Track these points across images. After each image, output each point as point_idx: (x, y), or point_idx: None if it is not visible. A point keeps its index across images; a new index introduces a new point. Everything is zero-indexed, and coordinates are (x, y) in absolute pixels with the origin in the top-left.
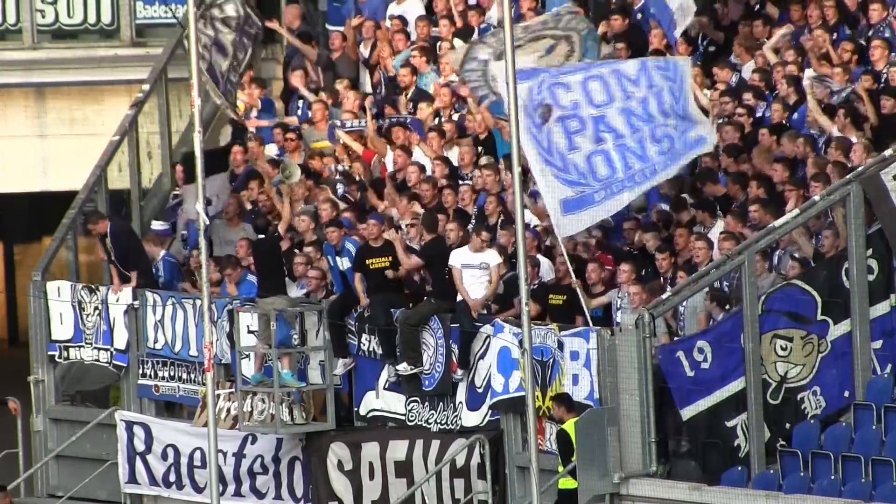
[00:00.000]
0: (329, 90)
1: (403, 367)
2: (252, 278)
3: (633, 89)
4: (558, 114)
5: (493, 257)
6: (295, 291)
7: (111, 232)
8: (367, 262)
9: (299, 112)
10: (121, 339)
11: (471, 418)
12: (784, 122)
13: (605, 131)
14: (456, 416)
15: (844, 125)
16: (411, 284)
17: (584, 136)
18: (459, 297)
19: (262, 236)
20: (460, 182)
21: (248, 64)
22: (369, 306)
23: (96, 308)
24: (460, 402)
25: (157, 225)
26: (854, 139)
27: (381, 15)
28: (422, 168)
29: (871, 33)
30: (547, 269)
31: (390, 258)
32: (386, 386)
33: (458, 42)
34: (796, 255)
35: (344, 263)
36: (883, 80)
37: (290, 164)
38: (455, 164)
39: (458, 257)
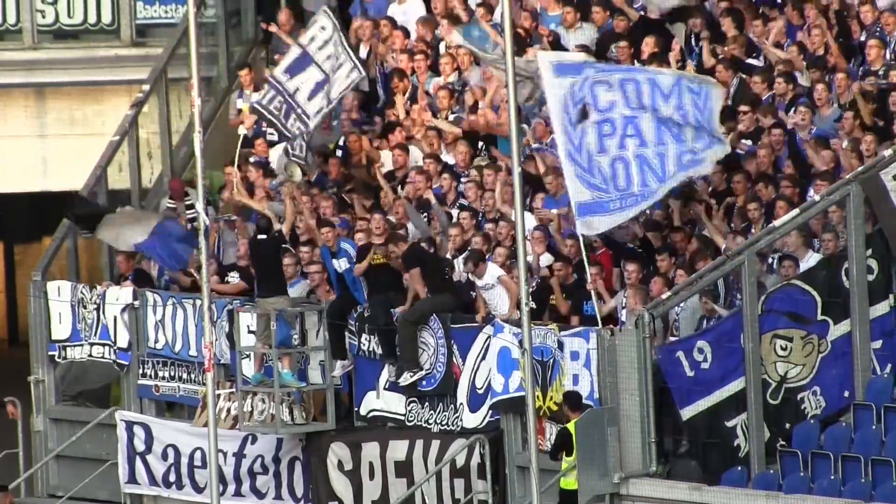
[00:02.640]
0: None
1: (404, 378)
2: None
3: (662, 105)
4: (595, 117)
5: (493, 272)
6: (293, 292)
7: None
8: (371, 257)
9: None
10: (122, 338)
11: (471, 419)
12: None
13: (630, 135)
14: (457, 416)
15: (854, 127)
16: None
17: (612, 139)
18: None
19: (264, 236)
20: (462, 180)
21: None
22: (370, 306)
23: (96, 307)
24: (461, 404)
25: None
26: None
27: (387, 15)
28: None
29: (864, 34)
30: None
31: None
32: (386, 386)
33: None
34: (792, 254)
35: (342, 265)
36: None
37: (291, 165)
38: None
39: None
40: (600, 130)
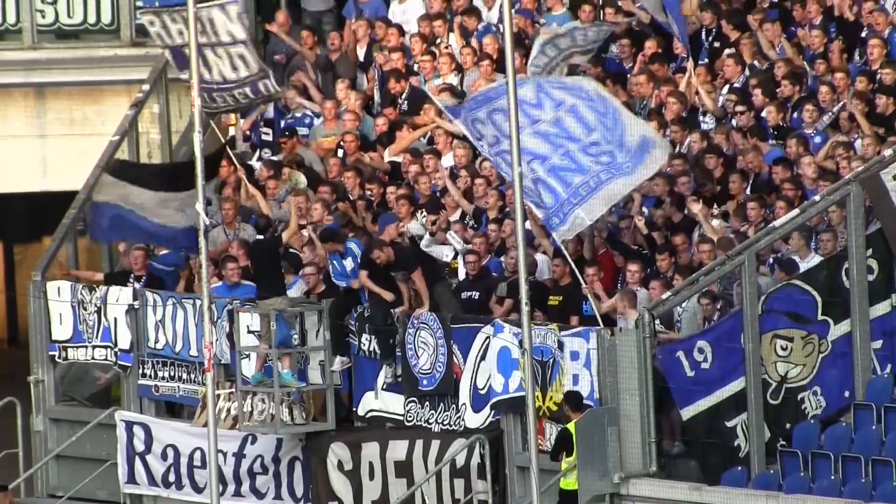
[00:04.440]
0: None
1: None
2: (247, 281)
3: (538, 112)
4: (492, 151)
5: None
6: (291, 293)
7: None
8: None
9: (297, 113)
10: (124, 338)
11: (474, 419)
12: (783, 123)
13: (530, 160)
14: (459, 416)
15: (851, 128)
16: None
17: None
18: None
19: (262, 237)
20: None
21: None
22: (369, 306)
23: (97, 307)
24: (464, 404)
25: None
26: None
27: (383, 15)
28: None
29: (865, 32)
30: (545, 269)
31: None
32: (384, 386)
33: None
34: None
35: (347, 264)
36: (878, 79)
37: (294, 173)
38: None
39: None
40: (507, 161)
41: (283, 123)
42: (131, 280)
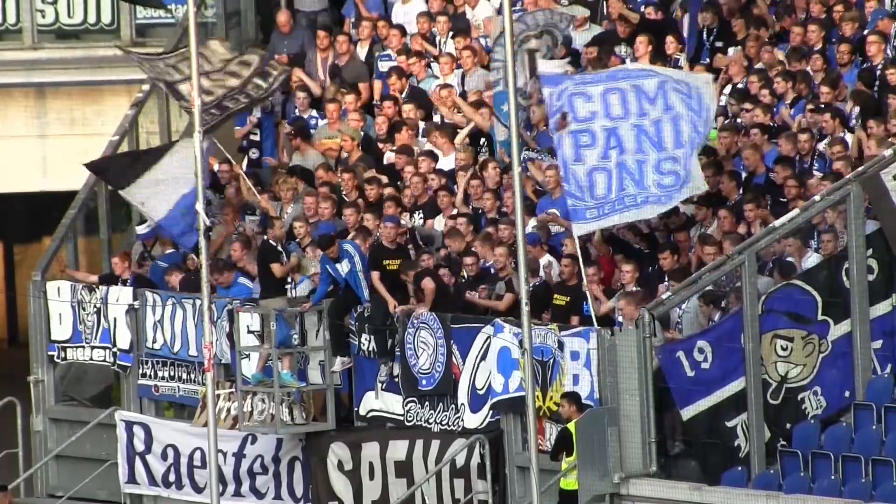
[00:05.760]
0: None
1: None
2: (243, 281)
3: (649, 108)
4: (573, 127)
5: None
6: (298, 292)
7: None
8: (384, 263)
9: (296, 112)
10: (123, 339)
11: (473, 419)
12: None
13: (612, 147)
14: (458, 416)
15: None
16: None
17: (592, 149)
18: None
19: (266, 238)
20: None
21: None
22: (370, 306)
23: (96, 308)
24: (462, 404)
25: (140, 228)
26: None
27: (381, 13)
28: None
29: (865, 29)
30: (553, 269)
31: (403, 260)
32: (384, 386)
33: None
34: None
35: (343, 267)
36: (878, 76)
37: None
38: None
39: None
40: (577, 141)
41: (287, 124)
42: (118, 284)
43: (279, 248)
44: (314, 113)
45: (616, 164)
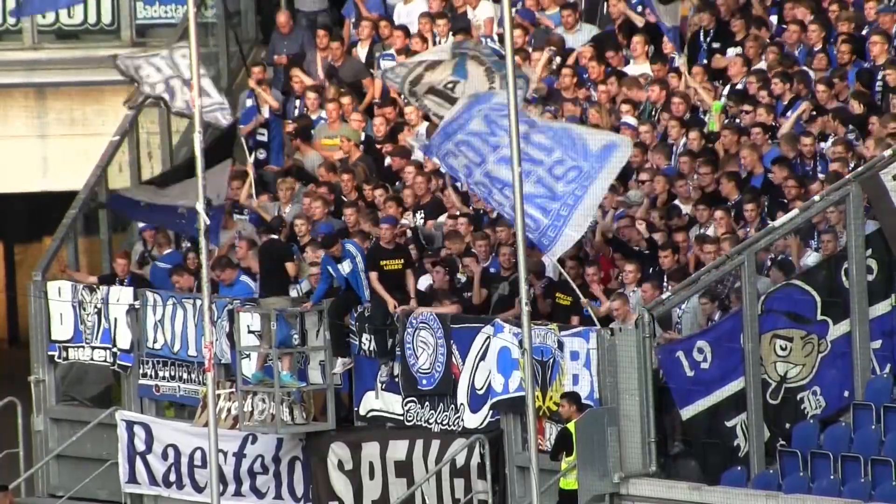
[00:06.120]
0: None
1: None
2: (244, 279)
3: (496, 140)
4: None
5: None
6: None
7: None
8: (382, 263)
9: (296, 112)
10: (124, 339)
11: (472, 419)
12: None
13: (502, 188)
14: (458, 416)
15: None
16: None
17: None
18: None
19: (275, 237)
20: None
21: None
22: (370, 306)
23: (97, 308)
24: (462, 404)
25: (142, 224)
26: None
27: (382, 13)
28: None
29: (866, 29)
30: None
31: (403, 260)
32: (384, 386)
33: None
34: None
35: (345, 267)
36: (880, 77)
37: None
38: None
39: None
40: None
41: (290, 123)
42: (116, 284)
43: (291, 246)
44: (323, 114)
45: (535, 182)
